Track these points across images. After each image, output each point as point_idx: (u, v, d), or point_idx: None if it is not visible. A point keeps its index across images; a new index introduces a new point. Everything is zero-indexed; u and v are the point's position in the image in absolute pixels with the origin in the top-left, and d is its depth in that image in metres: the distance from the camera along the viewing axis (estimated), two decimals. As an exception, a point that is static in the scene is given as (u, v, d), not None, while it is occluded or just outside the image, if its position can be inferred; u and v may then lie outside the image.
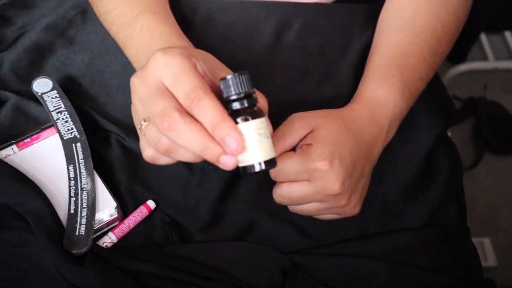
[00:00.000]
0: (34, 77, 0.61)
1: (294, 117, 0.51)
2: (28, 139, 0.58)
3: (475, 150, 1.55)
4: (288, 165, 0.49)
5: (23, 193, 0.52)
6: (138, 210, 0.55)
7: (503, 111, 1.59)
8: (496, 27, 1.72)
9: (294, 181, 0.49)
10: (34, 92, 0.60)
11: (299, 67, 0.65)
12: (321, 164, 0.47)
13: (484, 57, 1.70)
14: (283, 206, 0.53)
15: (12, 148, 0.57)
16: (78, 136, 0.57)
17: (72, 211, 0.52)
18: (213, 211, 0.56)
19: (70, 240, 0.50)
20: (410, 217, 0.58)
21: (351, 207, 0.51)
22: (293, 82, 0.64)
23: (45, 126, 0.59)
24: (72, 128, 0.58)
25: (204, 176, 0.57)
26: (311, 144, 0.49)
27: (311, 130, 0.50)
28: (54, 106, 0.59)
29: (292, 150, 0.51)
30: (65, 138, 0.57)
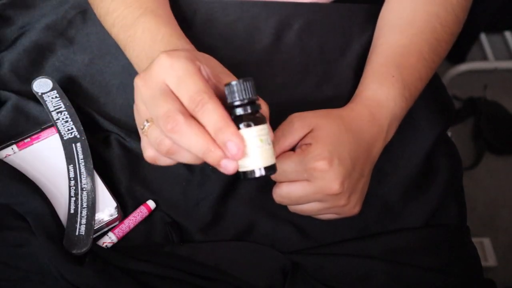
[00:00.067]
0: (34, 77, 0.61)
1: (294, 117, 0.51)
2: (28, 139, 0.58)
3: (475, 150, 1.55)
4: (288, 165, 0.49)
5: (23, 193, 0.52)
6: (138, 210, 0.55)
7: (503, 111, 1.59)
8: (496, 27, 1.72)
9: (294, 181, 0.49)
10: (34, 92, 0.60)
11: (299, 67, 0.65)
12: (321, 164, 0.47)
13: (484, 57, 1.70)
14: (283, 206, 0.53)
15: (12, 148, 0.57)
16: (78, 136, 0.57)
17: (72, 211, 0.52)
18: (213, 212, 0.56)
19: (70, 240, 0.50)
20: (410, 217, 0.58)
21: (350, 207, 0.51)
22: (293, 82, 0.64)
23: (45, 126, 0.59)
24: (72, 128, 0.58)
25: (204, 177, 0.57)
26: (310, 144, 0.49)
27: (311, 130, 0.50)
28: (54, 106, 0.59)
29: (292, 150, 0.51)
30: (65, 138, 0.57)
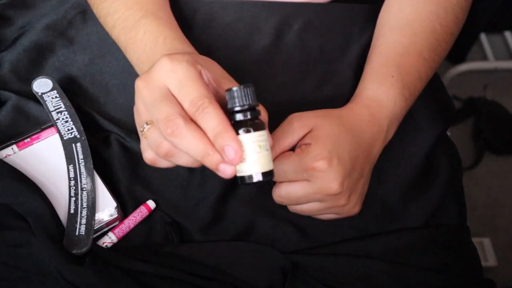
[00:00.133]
0: (34, 77, 0.61)
1: (293, 117, 0.51)
2: (28, 139, 0.58)
3: (475, 150, 1.55)
4: (287, 165, 0.49)
5: (23, 193, 0.52)
6: (138, 210, 0.55)
7: (503, 111, 1.59)
8: (496, 27, 1.72)
9: (293, 181, 0.49)
10: (34, 92, 0.60)
11: (299, 67, 0.65)
12: (320, 164, 0.47)
13: (484, 57, 1.70)
14: (283, 206, 0.53)
15: (12, 148, 0.57)
16: (78, 136, 0.57)
17: (72, 211, 0.52)
18: (213, 212, 0.56)
19: (70, 240, 0.50)
20: (410, 217, 0.58)
21: (350, 206, 0.51)
22: (293, 82, 0.64)
23: (45, 126, 0.59)
24: (72, 128, 0.58)
25: (204, 177, 0.57)
26: (310, 144, 0.49)
27: (310, 130, 0.50)
28: (54, 106, 0.59)
29: (292, 150, 0.51)
30: (65, 138, 0.57)
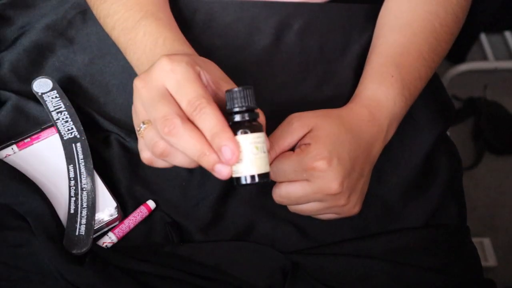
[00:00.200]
0: (34, 77, 0.61)
1: (293, 117, 0.51)
2: (28, 139, 0.58)
3: (475, 150, 1.55)
4: (287, 165, 0.49)
5: (23, 193, 0.52)
6: (138, 210, 0.55)
7: (503, 111, 1.59)
8: (496, 27, 1.72)
9: (293, 181, 0.49)
10: (34, 92, 0.60)
11: (299, 67, 0.65)
12: (320, 164, 0.47)
13: (484, 57, 1.70)
14: (283, 206, 0.53)
15: (12, 148, 0.57)
16: (78, 136, 0.57)
17: (72, 211, 0.52)
18: (213, 212, 0.56)
19: (70, 240, 0.50)
20: (410, 217, 0.58)
21: (350, 206, 0.51)
22: (293, 82, 0.64)
23: (45, 126, 0.59)
24: (72, 128, 0.58)
25: (204, 177, 0.57)
26: (309, 144, 0.49)
27: (310, 130, 0.50)
28: (54, 106, 0.59)
29: (291, 150, 0.51)
30: (65, 138, 0.57)
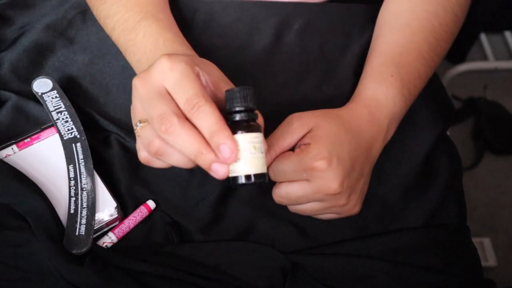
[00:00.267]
0: (34, 77, 0.61)
1: (293, 117, 0.51)
2: (28, 139, 0.58)
3: (475, 150, 1.55)
4: (287, 165, 0.49)
5: (23, 193, 0.52)
6: (138, 210, 0.55)
7: (503, 111, 1.59)
8: (496, 27, 1.72)
9: (293, 181, 0.49)
10: (34, 92, 0.60)
11: (299, 67, 0.65)
12: (320, 163, 0.47)
13: (484, 57, 1.70)
14: (283, 206, 0.53)
15: (12, 148, 0.57)
16: (78, 136, 0.57)
17: (72, 211, 0.52)
18: (213, 212, 0.56)
19: (70, 240, 0.50)
20: (410, 217, 0.58)
21: (350, 206, 0.51)
22: (293, 82, 0.64)
23: (45, 126, 0.59)
24: (72, 128, 0.58)
25: (204, 177, 0.57)
26: (309, 144, 0.49)
27: (310, 130, 0.50)
28: (54, 106, 0.59)
29: (291, 150, 0.51)
30: (65, 138, 0.57)
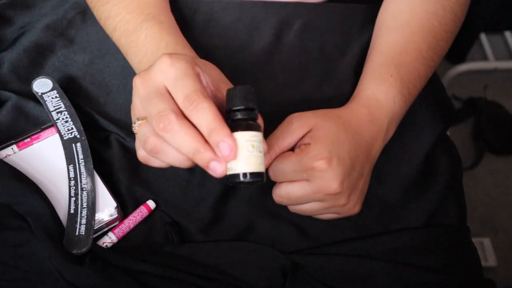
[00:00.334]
0: (34, 77, 0.61)
1: (293, 117, 0.51)
2: (28, 139, 0.58)
3: (475, 150, 1.55)
4: (287, 165, 0.49)
5: (23, 193, 0.52)
6: (138, 210, 0.55)
7: (503, 111, 1.59)
8: (496, 27, 1.72)
9: (293, 181, 0.49)
10: (34, 92, 0.60)
11: (299, 67, 0.65)
12: (319, 163, 0.47)
13: (484, 57, 1.70)
14: (283, 206, 0.53)
15: (12, 148, 0.57)
16: (78, 136, 0.57)
17: (72, 211, 0.52)
18: (213, 212, 0.56)
19: (70, 240, 0.50)
20: (410, 217, 0.58)
21: (350, 206, 0.51)
22: (293, 82, 0.64)
23: (45, 126, 0.59)
24: (72, 128, 0.58)
25: (204, 177, 0.57)
26: (309, 144, 0.49)
27: (309, 130, 0.50)
28: (54, 106, 0.59)
29: (291, 150, 0.51)
30: (65, 138, 0.57)
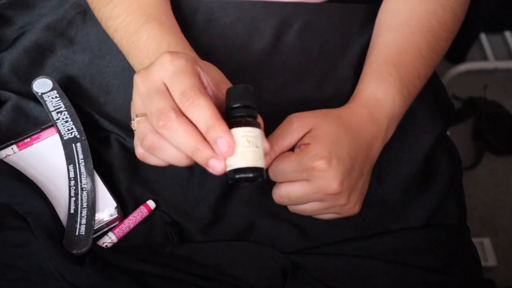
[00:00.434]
0: (34, 77, 0.61)
1: (293, 117, 0.51)
2: (28, 139, 0.58)
3: (475, 150, 1.55)
4: (287, 165, 0.49)
5: (23, 193, 0.52)
6: (138, 210, 0.55)
7: (503, 111, 1.59)
8: (496, 27, 1.72)
9: (293, 181, 0.49)
10: (34, 92, 0.60)
11: (299, 67, 0.65)
12: (319, 163, 0.47)
13: (484, 57, 1.70)
14: (283, 206, 0.53)
15: (12, 148, 0.57)
16: (78, 136, 0.57)
17: (72, 211, 0.52)
18: (213, 212, 0.56)
19: (70, 240, 0.50)
20: (410, 217, 0.58)
21: (350, 206, 0.51)
22: (293, 82, 0.64)
23: (45, 126, 0.59)
24: (72, 128, 0.58)
25: (204, 177, 0.57)
26: (309, 144, 0.49)
27: (309, 130, 0.50)
28: (54, 106, 0.59)
29: (291, 150, 0.51)
30: (65, 138, 0.57)
